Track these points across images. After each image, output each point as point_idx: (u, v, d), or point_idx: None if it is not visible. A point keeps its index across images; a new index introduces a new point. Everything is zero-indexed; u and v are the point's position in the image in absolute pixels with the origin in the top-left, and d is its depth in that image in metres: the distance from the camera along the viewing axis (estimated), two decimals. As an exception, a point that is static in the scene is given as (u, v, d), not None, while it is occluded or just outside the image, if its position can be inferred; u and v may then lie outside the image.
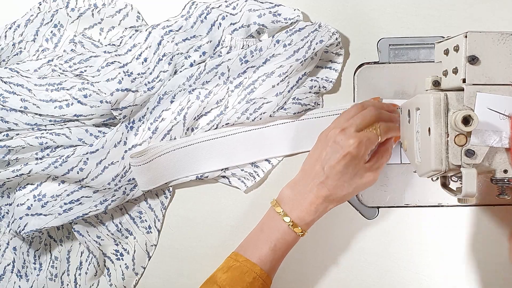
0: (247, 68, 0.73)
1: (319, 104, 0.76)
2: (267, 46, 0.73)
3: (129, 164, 0.73)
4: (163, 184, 0.75)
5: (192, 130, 0.74)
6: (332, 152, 0.65)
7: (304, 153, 0.77)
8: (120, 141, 0.72)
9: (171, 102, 0.72)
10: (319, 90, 0.75)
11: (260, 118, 0.73)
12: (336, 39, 0.73)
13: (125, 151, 0.73)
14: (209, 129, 0.74)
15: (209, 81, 0.73)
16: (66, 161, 0.70)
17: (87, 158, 0.71)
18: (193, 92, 0.73)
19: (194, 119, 0.74)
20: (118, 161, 0.73)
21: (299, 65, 0.72)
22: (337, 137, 0.65)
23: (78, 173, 0.70)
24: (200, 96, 0.73)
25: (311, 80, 0.75)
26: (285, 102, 0.73)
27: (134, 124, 0.73)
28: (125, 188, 0.74)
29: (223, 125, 0.74)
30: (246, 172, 0.76)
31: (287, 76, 0.72)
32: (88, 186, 0.73)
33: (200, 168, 0.75)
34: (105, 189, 0.73)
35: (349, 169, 0.64)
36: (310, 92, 0.75)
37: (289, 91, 0.73)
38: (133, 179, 0.74)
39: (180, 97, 0.72)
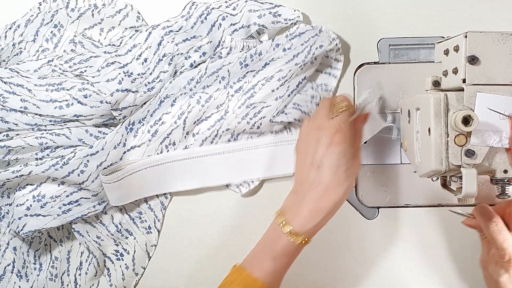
0: (247, 72, 0.73)
1: None
2: (267, 49, 0.73)
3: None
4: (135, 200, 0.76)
5: (193, 135, 0.74)
6: (316, 149, 0.62)
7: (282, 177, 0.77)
8: (119, 142, 0.72)
9: (172, 105, 0.72)
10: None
11: (261, 124, 0.73)
12: (336, 44, 0.74)
13: (124, 152, 0.73)
14: (210, 135, 0.74)
15: (209, 85, 0.73)
16: (67, 163, 0.70)
17: (88, 160, 0.71)
18: (193, 96, 0.73)
19: (194, 123, 0.73)
20: (117, 163, 0.73)
21: (299, 69, 0.72)
22: (317, 135, 0.63)
23: (79, 176, 0.70)
24: (201, 101, 0.73)
25: (312, 88, 0.76)
26: (285, 106, 0.73)
27: (134, 126, 0.72)
28: None
29: (223, 131, 0.73)
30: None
31: (286, 80, 0.72)
32: (87, 189, 0.73)
33: (171, 187, 0.75)
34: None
35: (341, 159, 0.61)
36: (311, 102, 0.75)
37: (289, 95, 0.73)
38: None
39: (180, 101, 0.72)
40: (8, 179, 0.71)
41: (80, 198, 0.73)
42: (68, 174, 0.70)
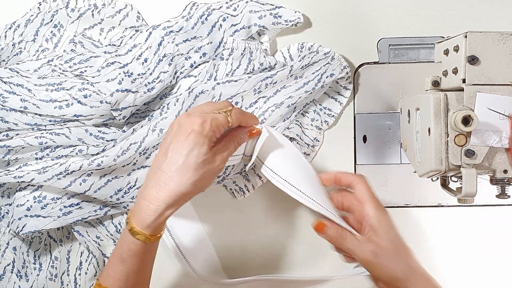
0: (259, 98, 0.74)
1: (318, 141, 0.77)
2: (282, 79, 0.73)
3: (135, 181, 0.73)
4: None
5: None
6: (175, 135, 0.58)
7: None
8: (129, 163, 0.72)
9: None
10: (321, 125, 0.76)
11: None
12: (347, 73, 0.74)
13: (133, 170, 0.73)
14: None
15: None
16: (71, 173, 0.70)
17: (91, 172, 0.71)
18: None
19: None
20: (122, 176, 0.72)
21: (308, 95, 0.73)
22: (181, 120, 0.58)
23: (80, 185, 0.70)
24: None
25: (314, 112, 0.76)
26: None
27: (148, 151, 0.72)
28: (127, 204, 0.74)
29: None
30: (237, 186, 0.77)
31: (295, 106, 0.74)
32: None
33: None
34: (107, 201, 0.73)
35: (193, 150, 0.56)
36: (311, 124, 0.75)
37: (296, 115, 0.75)
38: None
39: None
40: (9, 182, 0.71)
41: (82, 201, 0.73)
42: (70, 183, 0.70)
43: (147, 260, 0.60)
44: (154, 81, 0.73)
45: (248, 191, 0.77)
